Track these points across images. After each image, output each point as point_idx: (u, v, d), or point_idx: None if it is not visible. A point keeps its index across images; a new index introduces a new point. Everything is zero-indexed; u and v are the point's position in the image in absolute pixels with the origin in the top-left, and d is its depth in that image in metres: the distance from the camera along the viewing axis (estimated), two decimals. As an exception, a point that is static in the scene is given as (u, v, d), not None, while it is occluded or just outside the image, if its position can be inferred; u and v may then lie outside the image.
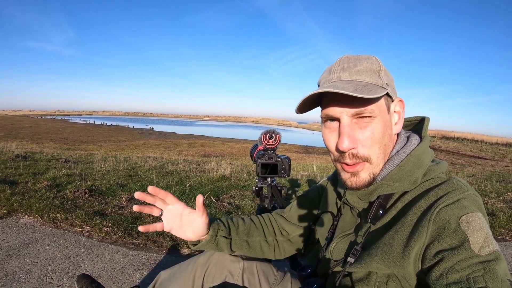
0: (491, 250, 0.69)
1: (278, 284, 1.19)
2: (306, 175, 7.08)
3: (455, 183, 0.81)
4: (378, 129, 0.84)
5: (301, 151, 21.87)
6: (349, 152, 0.84)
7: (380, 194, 0.88)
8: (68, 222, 3.32)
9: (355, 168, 0.86)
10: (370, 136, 0.84)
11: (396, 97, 0.89)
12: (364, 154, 0.85)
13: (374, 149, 0.85)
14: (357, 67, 0.85)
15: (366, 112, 0.82)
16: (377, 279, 0.82)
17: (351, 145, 0.83)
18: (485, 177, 7.89)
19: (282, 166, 1.77)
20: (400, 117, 0.91)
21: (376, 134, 0.84)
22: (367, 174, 0.87)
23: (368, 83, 0.83)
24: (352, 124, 0.84)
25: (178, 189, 4.79)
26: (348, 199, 0.96)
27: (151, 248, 2.91)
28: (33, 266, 2.43)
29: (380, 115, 0.84)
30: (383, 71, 0.86)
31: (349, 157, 0.85)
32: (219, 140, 27.73)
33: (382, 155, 0.87)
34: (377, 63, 0.86)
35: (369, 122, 0.83)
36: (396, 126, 0.91)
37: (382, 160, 0.88)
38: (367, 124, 0.83)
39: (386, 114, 0.86)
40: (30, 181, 4.64)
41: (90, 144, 19.49)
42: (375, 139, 0.84)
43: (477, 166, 15.19)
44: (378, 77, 0.84)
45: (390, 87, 0.85)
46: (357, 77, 0.84)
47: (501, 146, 31.46)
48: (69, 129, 33.14)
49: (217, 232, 1.15)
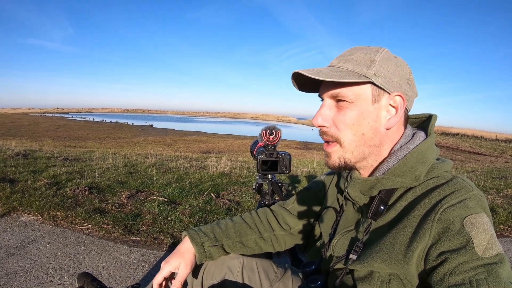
0: (495, 252, 0.68)
1: (279, 280, 1.18)
2: (306, 171, 7.09)
3: (459, 183, 0.79)
4: (350, 115, 0.85)
5: (300, 147, 21.86)
6: (321, 130, 0.90)
7: (381, 188, 0.87)
8: (68, 220, 3.31)
9: (328, 148, 0.91)
10: (342, 120, 0.86)
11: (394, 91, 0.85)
12: (333, 134, 0.88)
13: (346, 133, 0.86)
14: (351, 55, 0.86)
15: (340, 96, 0.85)
16: (379, 278, 0.81)
17: (321, 123, 0.89)
18: (484, 173, 7.90)
19: (283, 162, 1.76)
20: (397, 112, 0.87)
21: (348, 119, 0.85)
22: (336, 157, 0.90)
23: (347, 70, 0.84)
24: (332, 106, 0.88)
25: (178, 185, 4.78)
26: (349, 193, 0.95)
27: (152, 245, 2.91)
28: (33, 264, 2.43)
29: (357, 102, 0.84)
30: (378, 62, 0.84)
31: (320, 134, 0.92)
32: (219, 137, 27.73)
33: (357, 143, 0.86)
34: (374, 55, 0.85)
35: (345, 106, 0.86)
36: (389, 121, 0.87)
37: (357, 149, 0.87)
38: (342, 108, 0.86)
39: (369, 103, 0.84)
40: (29, 179, 4.63)
41: (89, 141, 19.48)
42: (346, 124, 0.86)
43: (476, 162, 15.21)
44: (366, 67, 0.83)
45: (381, 79, 0.83)
46: (342, 64, 0.86)
47: (501, 142, 31.50)
48: (68, 126, 33.12)
49: (202, 245, 1.16)
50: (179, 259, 1.10)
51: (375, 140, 0.88)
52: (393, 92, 0.85)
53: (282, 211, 1.28)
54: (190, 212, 3.68)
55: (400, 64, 0.87)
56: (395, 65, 0.86)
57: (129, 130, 32.06)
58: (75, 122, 43.31)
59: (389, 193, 0.86)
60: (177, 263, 1.09)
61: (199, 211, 3.76)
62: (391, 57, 0.87)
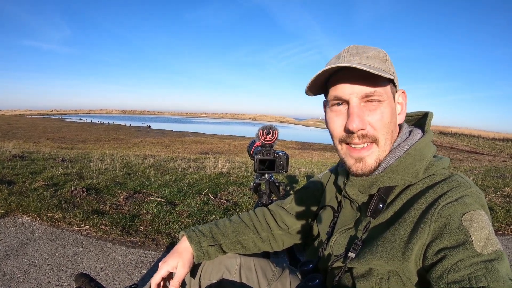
0: (493, 249, 0.68)
1: (276, 279, 1.17)
2: (303, 171, 7.09)
3: (458, 180, 0.80)
4: (386, 113, 0.85)
5: (298, 147, 21.85)
6: (359, 133, 0.85)
7: (380, 186, 0.87)
8: (66, 221, 3.31)
9: (361, 152, 0.87)
10: (380, 119, 0.84)
11: (399, 88, 0.91)
12: (373, 135, 0.85)
13: (383, 132, 0.86)
14: (366, 53, 0.86)
15: (375, 95, 0.83)
16: (378, 276, 0.82)
17: (361, 125, 0.83)
18: (482, 172, 7.92)
19: (280, 162, 1.76)
20: (403, 108, 0.92)
21: (385, 118, 0.85)
22: (373, 159, 0.87)
23: (377, 68, 0.83)
24: (361, 106, 0.84)
25: (176, 186, 4.78)
26: (348, 192, 0.95)
27: (149, 246, 2.91)
28: (31, 266, 2.43)
29: (388, 100, 0.85)
30: (389, 61, 0.88)
31: (358, 138, 0.85)
32: (217, 137, 27.70)
33: (389, 141, 0.88)
34: (383, 53, 0.88)
35: (378, 105, 0.84)
36: (399, 116, 0.92)
37: (389, 147, 0.88)
38: (376, 107, 0.84)
39: (393, 101, 0.88)
40: (27, 181, 4.63)
41: (87, 142, 19.43)
42: (384, 123, 0.85)
43: (474, 161, 15.23)
44: (385, 65, 0.86)
45: (395, 77, 0.87)
46: (367, 61, 0.84)
47: (498, 141, 31.54)
48: (66, 128, 33.03)
49: (200, 245, 1.15)
50: (177, 258, 1.10)
51: (394, 137, 0.90)
52: (399, 89, 0.90)
53: (280, 210, 1.28)
54: (188, 213, 3.68)
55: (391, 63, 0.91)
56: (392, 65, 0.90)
57: (126, 131, 32.00)
58: (72, 123, 43.20)
59: (388, 191, 0.87)
60: (175, 263, 1.09)
61: (197, 211, 3.76)
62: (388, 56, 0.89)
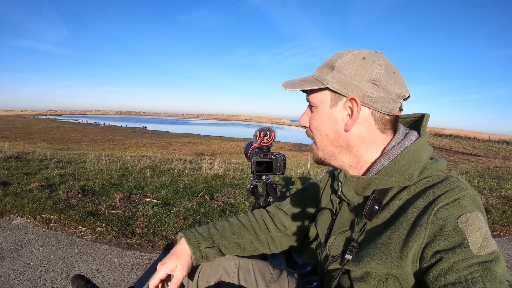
0: (490, 250, 0.69)
1: (275, 281, 1.17)
2: (299, 172, 7.09)
3: (453, 182, 0.80)
4: (315, 119, 0.95)
5: (294, 149, 21.86)
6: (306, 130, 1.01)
7: (374, 188, 0.87)
8: (61, 223, 3.29)
9: (312, 146, 1.02)
10: (311, 122, 0.97)
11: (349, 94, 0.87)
12: (310, 134, 1.00)
13: (316, 134, 0.97)
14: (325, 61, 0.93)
15: (309, 101, 0.97)
16: (376, 278, 0.82)
17: (302, 123, 1.01)
18: (478, 174, 7.95)
19: (277, 163, 1.76)
20: (352, 116, 0.87)
21: (314, 122, 0.96)
22: (314, 152, 1.01)
23: (313, 78, 0.93)
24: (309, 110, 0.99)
25: (172, 188, 4.77)
26: (344, 193, 0.95)
27: (146, 248, 2.90)
28: (26, 268, 2.41)
29: (319, 107, 0.93)
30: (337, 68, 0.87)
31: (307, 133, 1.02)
32: (212, 139, 27.67)
33: (324, 143, 0.96)
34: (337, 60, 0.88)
35: (313, 111, 0.96)
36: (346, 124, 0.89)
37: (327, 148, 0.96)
38: (313, 112, 0.97)
39: (327, 108, 0.91)
40: (22, 182, 4.60)
41: (82, 143, 19.36)
42: (313, 126, 0.97)
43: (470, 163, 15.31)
44: (326, 73, 0.89)
45: (337, 84, 0.86)
46: (315, 71, 0.95)
47: (494, 143, 31.72)
48: (61, 128, 32.89)
49: (199, 246, 1.15)
50: (176, 261, 1.10)
51: (340, 141, 0.92)
52: (349, 95, 0.86)
53: (278, 212, 1.28)
54: (184, 214, 3.67)
55: (365, 66, 0.86)
56: (356, 68, 0.86)
57: (122, 132, 31.91)
58: (68, 124, 43.04)
59: (383, 193, 0.87)
60: (173, 265, 1.09)
61: (193, 213, 3.75)
62: (355, 60, 0.87)
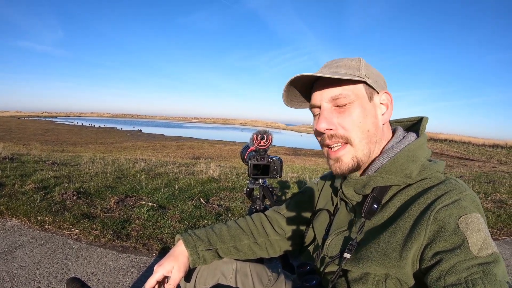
0: (490, 252, 0.69)
1: (272, 285, 1.18)
2: (295, 176, 7.10)
3: (453, 183, 0.81)
4: (356, 114, 0.88)
5: (289, 153, 21.90)
6: (328, 133, 0.90)
7: (374, 186, 0.88)
8: (56, 225, 3.26)
9: (337, 153, 0.91)
10: (349, 119, 0.88)
11: (381, 90, 0.93)
12: (343, 135, 0.89)
13: (355, 132, 0.88)
14: (337, 63, 0.92)
15: (341, 97, 0.87)
16: (375, 278, 0.82)
17: (327, 126, 0.89)
18: (473, 178, 8.00)
19: (274, 167, 1.76)
20: (388, 109, 0.94)
21: (355, 118, 0.88)
22: (349, 158, 0.90)
23: (343, 73, 0.89)
24: (331, 109, 0.90)
25: (168, 191, 4.75)
26: (344, 192, 0.97)
27: (141, 251, 2.88)
28: (20, 270, 2.39)
29: (357, 101, 0.88)
30: (363, 67, 0.90)
31: (328, 138, 0.90)
32: (208, 142, 27.66)
33: (365, 140, 0.90)
34: (358, 61, 0.91)
35: (347, 107, 0.88)
36: (383, 116, 0.93)
37: (366, 146, 0.90)
38: (345, 109, 0.88)
39: (367, 101, 0.90)
40: (17, 183, 4.56)
41: (78, 145, 19.27)
42: (354, 122, 0.88)
43: (464, 167, 15.38)
44: (356, 70, 0.89)
45: (371, 79, 0.89)
46: (335, 70, 0.91)
47: (488, 147, 31.93)
48: (56, 130, 32.76)
49: (196, 249, 1.15)
50: (173, 262, 1.09)
51: (377, 136, 0.92)
52: (380, 91, 0.92)
53: (277, 216, 1.28)
54: (180, 218, 3.66)
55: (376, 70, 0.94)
56: (374, 68, 0.94)
57: (117, 135, 31.83)
58: (63, 126, 42.85)
59: (382, 192, 0.88)
60: (170, 267, 1.08)
61: (188, 216, 3.73)
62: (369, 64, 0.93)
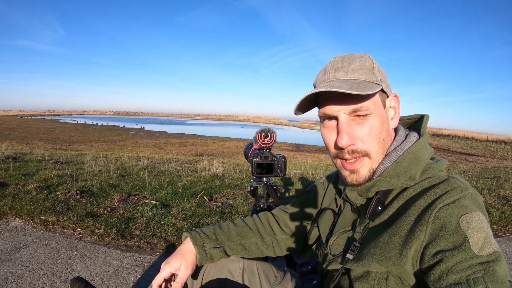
0: (491, 250, 0.68)
1: (279, 283, 1.18)
2: (298, 173, 7.09)
3: (454, 182, 0.81)
4: (375, 125, 0.85)
5: (292, 149, 21.91)
6: (349, 149, 0.86)
7: (378, 190, 0.88)
8: (59, 225, 3.27)
9: (354, 165, 0.88)
10: (369, 132, 0.85)
11: (390, 93, 0.91)
12: (363, 149, 0.86)
13: (373, 144, 0.86)
14: (351, 65, 0.87)
15: (363, 109, 0.83)
16: (377, 275, 0.82)
17: (350, 142, 0.84)
18: (476, 174, 7.97)
19: (278, 165, 1.75)
20: (396, 112, 0.92)
21: (374, 130, 0.85)
22: (366, 170, 0.88)
23: (362, 81, 0.84)
24: (350, 121, 0.85)
25: (171, 189, 4.75)
26: (347, 195, 0.96)
27: (145, 250, 2.88)
28: (25, 270, 2.39)
29: (376, 111, 0.85)
30: (376, 68, 0.87)
31: (348, 153, 0.86)
32: (211, 139, 27.74)
33: (381, 150, 0.88)
34: (370, 61, 0.88)
35: (366, 118, 0.84)
36: (392, 121, 0.92)
37: (381, 155, 0.89)
38: (364, 121, 0.85)
39: (382, 109, 0.87)
40: (20, 183, 4.58)
41: (80, 144, 19.35)
42: (373, 135, 0.86)
43: (468, 163, 15.35)
44: (372, 74, 0.86)
45: (384, 83, 0.87)
46: (352, 75, 0.86)
47: (491, 143, 31.82)
48: (59, 129, 32.89)
49: (204, 246, 1.14)
50: (180, 260, 1.09)
51: (388, 143, 0.91)
52: (390, 94, 0.91)
53: (283, 215, 1.28)
54: (184, 216, 3.66)
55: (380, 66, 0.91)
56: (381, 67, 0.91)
57: (120, 132, 31.93)
58: (66, 124, 43.02)
59: (386, 194, 0.88)
60: (177, 264, 1.07)
61: (192, 214, 3.73)
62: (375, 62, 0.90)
